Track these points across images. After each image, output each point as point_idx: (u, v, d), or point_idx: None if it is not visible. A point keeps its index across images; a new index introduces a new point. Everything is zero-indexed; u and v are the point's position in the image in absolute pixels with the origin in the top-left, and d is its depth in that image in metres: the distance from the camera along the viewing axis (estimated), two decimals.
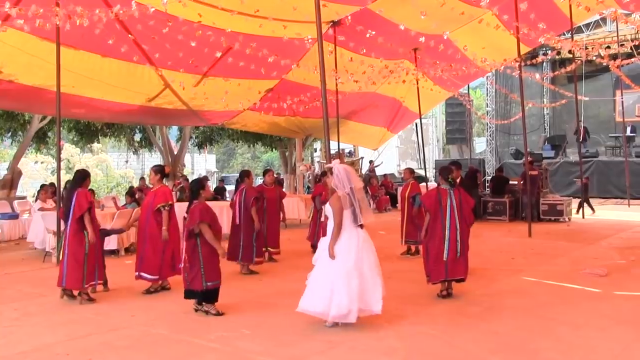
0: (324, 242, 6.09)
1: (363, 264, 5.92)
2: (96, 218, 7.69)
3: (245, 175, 9.63)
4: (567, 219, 15.92)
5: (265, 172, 10.62)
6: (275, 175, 27.33)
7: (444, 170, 7.52)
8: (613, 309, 6.71)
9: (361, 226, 6.05)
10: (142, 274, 7.84)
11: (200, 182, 6.93)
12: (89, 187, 7.96)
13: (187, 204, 6.90)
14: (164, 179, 8.25)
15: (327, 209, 6.05)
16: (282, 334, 5.88)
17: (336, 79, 13.45)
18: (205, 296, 6.60)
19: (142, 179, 17.92)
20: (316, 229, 10.91)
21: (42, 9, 8.40)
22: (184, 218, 6.78)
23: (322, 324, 6.03)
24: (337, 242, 5.89)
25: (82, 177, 7.58)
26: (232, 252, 8.99)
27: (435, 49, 13.02)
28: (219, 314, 6.57)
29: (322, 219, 6.23)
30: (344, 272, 5.81)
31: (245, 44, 11.48)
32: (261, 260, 9.45)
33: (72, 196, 7.38)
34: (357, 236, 5.98)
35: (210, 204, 7.09)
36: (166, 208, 7.78)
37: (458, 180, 7.69)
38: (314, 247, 10.98)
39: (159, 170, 8.08)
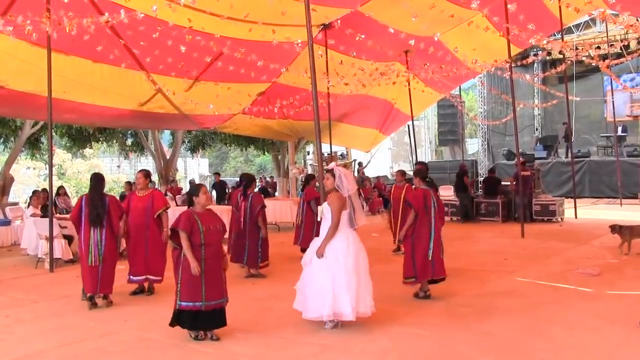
0: (316, 243, 6.11)
1: (360, 265, 5.98)
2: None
3: (253, 180, 9.81)
4: (559, 219, 15.96)
5: None
6: (268, 179, 27.37)
7: (421, 171, 7.75)
8: (606, 308, 6.74)
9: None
10: (149, 276, 7.97)
11: (192, 190, 6.44)
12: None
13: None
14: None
15: (325, 209, 6.06)
16: (276, 338, 5.88)
17: (327, 82, 13.47)
18: (176, 318, 5.83)
19: (127, 183, 17.32)
20: (311, 232, 10.97)
21: (29, 20, 8.36)
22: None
23: (317, 326, 6.04)
24: (332, 242, 5.92)
25: (100, 180, 7.70)
26: (238, 254, 9.19)
27: (425, 51, 13.04)
28: (197, 338, 5.80)
29: (318, 219, 6.25)
30: (345, 271, 5.84)
31: (235, 49, 11.49)
32: (267, 264, 9.41)
33: (104, 202, 7.43)
34: (353, 238, 6.06)
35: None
36: (166, 211, 8.07)
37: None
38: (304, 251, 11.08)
39: (148, 174, 8.28)
